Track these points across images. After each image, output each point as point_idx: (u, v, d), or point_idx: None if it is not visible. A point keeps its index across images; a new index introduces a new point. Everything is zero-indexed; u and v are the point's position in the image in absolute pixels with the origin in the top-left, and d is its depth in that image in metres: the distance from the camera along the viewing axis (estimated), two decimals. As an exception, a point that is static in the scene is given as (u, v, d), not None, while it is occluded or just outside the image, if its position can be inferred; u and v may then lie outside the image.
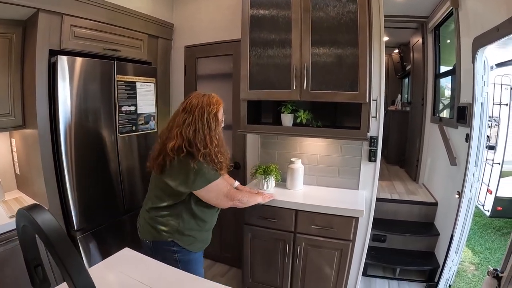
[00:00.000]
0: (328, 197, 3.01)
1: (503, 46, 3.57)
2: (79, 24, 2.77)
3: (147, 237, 2.24)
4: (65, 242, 0.83)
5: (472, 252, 4.93)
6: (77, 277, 0.81)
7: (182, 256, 2.22)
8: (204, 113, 2.10)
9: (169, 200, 2.17)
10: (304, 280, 2.97)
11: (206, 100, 2.15)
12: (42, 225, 0.82)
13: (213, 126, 2.13)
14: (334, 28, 2.66)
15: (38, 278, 1.07)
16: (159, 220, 2.19)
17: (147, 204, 2.31)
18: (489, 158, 5.45)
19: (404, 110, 7.05)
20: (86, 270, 0.84)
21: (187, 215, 2.20)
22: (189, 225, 2.21)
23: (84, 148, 2.82)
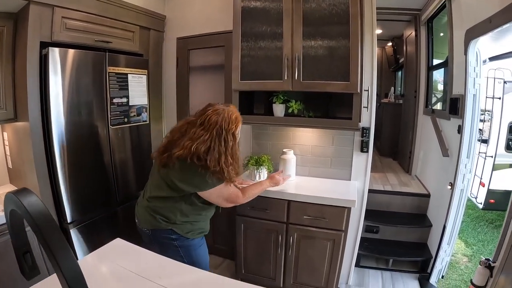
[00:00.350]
0: (320, 187, 3.01)
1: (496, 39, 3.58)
2: (70, 16, 2.75)
3: (146, 226, 2.25)
4: (50, 223, 0.82)
5: (465, 244, 4.97)
6: (62, 258, 0.81)
7: (181, 242, 2.23)
8: (222, 133, 2.07)
9: (170, 192, 2.16)
10: (297, 271, 2.99)
11: (226, 118, 2.10)
12: (28, 207, 0.81)
13: (230, 145, 2.11)
14: (326, 18, 2.65)
15: (27, 265, 1.06)
16: (158, 210, 2.19)
17: (146, 192, 2.31)
18: (482, 151, 5.48)
19: (397, 102, 7.08)
20: (70, 251, 0.83)
21: (186, 208, 2.21)
22: (187, 218, 2.22)
23: (76, 140, 2.81)
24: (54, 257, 0.79)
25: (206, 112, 2.12)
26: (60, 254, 0.80)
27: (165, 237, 2.21)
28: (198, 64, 3.81)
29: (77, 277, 0.83)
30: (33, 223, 0.80)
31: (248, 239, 3.08)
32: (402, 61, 6.92)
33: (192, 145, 2.01)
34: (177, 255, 2.20)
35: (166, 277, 1.59)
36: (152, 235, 2.24)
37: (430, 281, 3.54)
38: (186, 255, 2.24)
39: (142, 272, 1.61)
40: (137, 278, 1.57)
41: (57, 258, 0.80)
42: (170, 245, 2.21)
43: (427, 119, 4.64)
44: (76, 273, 0.83)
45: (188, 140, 2.04)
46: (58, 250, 0.80)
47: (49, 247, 0.79)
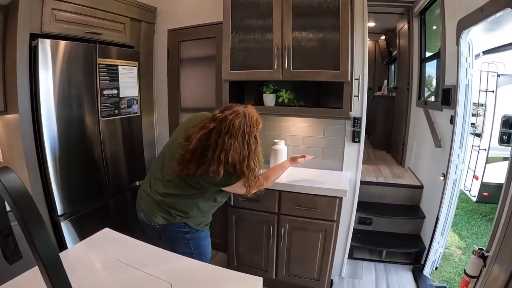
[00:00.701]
0: (312, 178, 3.00)
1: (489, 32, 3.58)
2: (60, 7, 2.73)
3: (157, 221, 2.21)
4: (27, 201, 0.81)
5: (459, 237, 4.99)
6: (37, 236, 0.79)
7: (193, 235, 2.25)
8: (245, 136, 2.03)
9: (192, 191, 2.17)
10: (289, 262, 2.98)
11: (247, 121, 2.06)
12: (5, 183, 0.79)
13: (253, 148, 2.08)
14: (316, 7, 2.64)
15: (9, 249, 1.04)
16: (176, 206, 2.18)
17: (158, 188, 2.24)
18: (476, 145, 5.50)
19: (391, 95, 7.10)
20: (46, 228, 0.82)
21: (203, 203, 2.24)
22: (202, 212, 2.26)
23: (66, 132, 2.79)
24: (30, 234, 0.78)
25: (228, 116, 2.03)
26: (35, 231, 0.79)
27: (177, 231, 2.22)
28: (189, 56, 3.79)
29: (53, 255, 0.81)
30: (10, 200, 0.79)
31: (240, 231, 3.07)
32: (395, 54, 6.94)
33: (228, 157, 1.98)
34: (187, 248, 2.24)
35: (153, 265, 1.58)
36: (164, 230, 2.22)
37: (424, 273, 3.55)
38: (195, 247, 2.27)
39: (129, 261, 1.61)
40: (124, 267, 1.56)
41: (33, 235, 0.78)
42: (181, 238, 2.23)
43: (420, 111, 4.65)
44: (52, 251, 0.81)
45: (220, 151, 1.98)
46: (34, 228, 0.79)
47: (25, 225, 0.78)
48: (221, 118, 2.02)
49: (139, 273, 1.51)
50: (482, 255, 2.01)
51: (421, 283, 3.36)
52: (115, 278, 1.50)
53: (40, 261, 0.79)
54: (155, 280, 1.45)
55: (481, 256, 2.01)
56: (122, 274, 1.51)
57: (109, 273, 1.55)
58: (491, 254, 1.95)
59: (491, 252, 1.96)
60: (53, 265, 0.81)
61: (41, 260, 0.78)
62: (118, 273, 1.52)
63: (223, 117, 2.02)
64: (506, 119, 5.33)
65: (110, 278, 1.51)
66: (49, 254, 0.81)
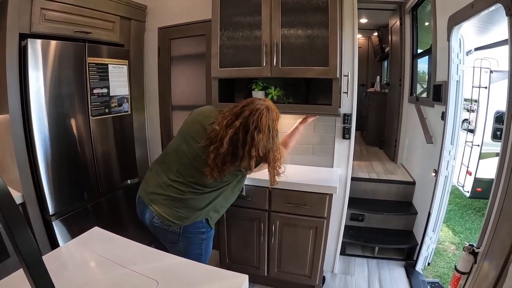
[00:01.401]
0: (302, 175, 3.01)
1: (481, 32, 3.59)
2: (50, 7, 2.71)
3: (176, 224, 2.18)
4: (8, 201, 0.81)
5: (452, 232, 5.01)
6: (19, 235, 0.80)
7: (207, 233, 2.31)
8: (270, 130, 2.10)
9: (220, 185, 2.23)
10: (281, 259, 2.99)
11: (271, 115, 2.12)
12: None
13: (277, 141, 2.17)
14: (305, 3, 2.63)
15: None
16: (200, 201, 2.22)
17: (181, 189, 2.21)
18: (469, 140, 5.53)
19: (383, 91, 7.11)
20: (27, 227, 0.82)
21: (228, 193, 2.33)
22: (225, 203, 2.38)
23: (57, 131, 2.78)
24: (11, 233, 0.79)
25: (254, 112, 2.07)
26: (16, 231, 0.80)
27: (196, 232, 2.25)
28: (179, 54, 3.78)
29: (34, 254, 0.83)
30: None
31: (231, 228, 3.08)
32: (387, 50, 6.94)
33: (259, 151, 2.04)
34: (199, 249, 2.29)
35: (140, 263, 1.59)
36: (183, 232, 2.20)
37: (416, 269, 3.57)
38: (205, 247, 2.33)
39: (117, 259, 1.62)
40: (112, 265, 1.58)
41: (14, 234, 0.79)
42: (197, 239, 2.26)
43: (412, 107, 4.66)
44: (33, 250, 0.82)
45: (250, 147, 2.03)
46: (15, 227, 0.80)
47: (7, 224, 0.79)
48: (247, 115, 2.05)
49: (126, 271, 1.52)
50: (473, 252, 2.02)
51: (413, 279, 3.38)
52: (103, 276, 1.51)
53: (21, 259, 0.80)
54: (142, 278, 1.46)
55: (472, 252, 2.02)
56: (110, 272, 1.52)
57: (97, 271, 1.56)
58: (481, 251, 1.97)
59: (481, 248, 1.97)
60: (34, 263, 0.82)
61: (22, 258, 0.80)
62: (106, 271, 1.54)
63: (249, 113, 2.06)
64: (499, 115, 5.36)
65: (98, 276, 1.52)
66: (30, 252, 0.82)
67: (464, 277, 2.09)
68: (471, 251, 2.03)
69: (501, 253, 1.72)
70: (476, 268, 1.99)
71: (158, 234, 2.28)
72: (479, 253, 1.99)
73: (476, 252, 2.01)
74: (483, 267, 1.92)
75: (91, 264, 1.61)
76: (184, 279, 1.50)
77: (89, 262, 1.63)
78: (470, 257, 2.03)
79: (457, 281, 2.13)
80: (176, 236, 2.20)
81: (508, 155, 1.79)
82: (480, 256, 1.97)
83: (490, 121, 5.48)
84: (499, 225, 1.81)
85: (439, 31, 3.46)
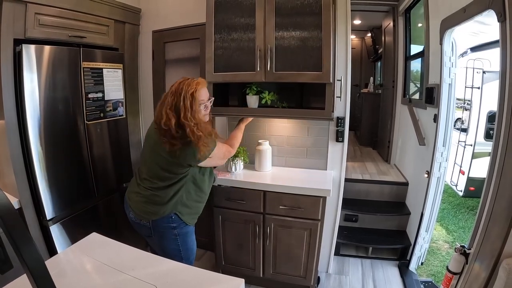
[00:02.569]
0: (296, 177, 3.04)
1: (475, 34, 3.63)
2: (44, 11, 2.70)
3: (145, 218, 2.33)
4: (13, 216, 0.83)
5: (446, 231, 5.06)
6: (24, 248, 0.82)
7: (180, 230, 2.37)
8: (182, 93, 2.20)
9: (175, 176, 2.28)
10: (276, 260, 3.02)
11: (187, 82, 2.26)
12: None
13: (188, 103, 2.20)
14: (298, 9, 2.65)
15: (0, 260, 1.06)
16: (162, 196, 2.30)
17: (146, 185, 2.36)
18: (462, 140, 5.58)
19: (377, 92, 7.14)
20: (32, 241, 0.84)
21: (190, 187, 2.35)
22: (191, 196, 2.38)
23: (52, 136, 2.79)
24: (17, 247, 0.81)
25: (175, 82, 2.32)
26: (23, 245, 0.82)
27: (166, 227, 2.33)
28: (174, 57, 3.79)
29: (40, 267, 0.85)
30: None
31: (227, 231, 3.10)
32: (381, 51, 6.98)
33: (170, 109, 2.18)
34: (175, 244, 2.38)
35: (139, 268, 1.62)
36: (153, 226, 2.33)
37: (410, 268, 3.61)
38: (182, 243, 2.40)
39: (116, 265, 1.64)
40: (111, 270, 1.60)
41: (20, 249, 0.81)
42: (170, 234, 2.35)
43: (405, 109, 4.69)
44: (39, 263, 0.85)
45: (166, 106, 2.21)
46: (21, 242, 0.82)
47: (13, 239, 0.81)
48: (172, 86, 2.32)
49: (125, 277, 1.54)
50: (464, 252, 2.05)
51: (407, 279, 3.42)
52: (102, 282, 1.53)
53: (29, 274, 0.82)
54: (141, 283, 1.49)
55: (463, 253, 2.06)
56: (109, 278, 1.54)
57: (96, 277, 1.58)
58: (472, 252, 2.00)
59: (472, 249, 2.01)
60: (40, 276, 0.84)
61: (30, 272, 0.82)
62: (105, 277, 1.56)
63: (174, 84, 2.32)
64: (491, 115, 5.40)
65: (97, 282, 1.53)
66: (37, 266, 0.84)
67: (455, 277, 2.12)
68: (462, 252, 2.06)
69: (491, 254, 1.76)
70: (468, 269, 2.02)
71: (136, 228, 2.47)
72: (470, 254, 2.02)
73: (468, 253, 2.04)
74: (474, 267, 1.96)
75: (90, 270, 1.63)
76: (182, 283, 1.52)
77: (88, 268, 1.65)
78: (462, 257, 2.06)
79: (449, 281, 2.16)
80: (148, 230, 2.35)
81: (499, 156, 1.82)
82: (471, 257, 2.00)
83: (483, 121, 5.53)
84: (490, 227, 1.84)
85: (432, 34, 3.49)
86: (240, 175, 3.06)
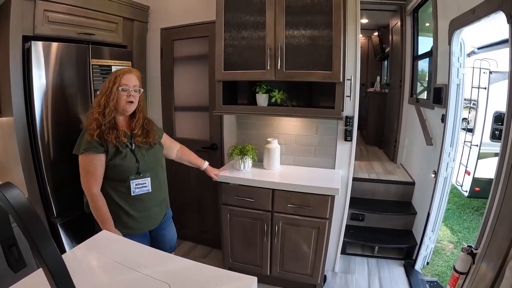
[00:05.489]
0: (305, 176, 3.05)
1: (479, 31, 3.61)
2: (53, 8, 2.70)
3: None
4: (31, 215, 0.83)
5: (450, 231, 5.05)
6: (45, 250, 0.82)
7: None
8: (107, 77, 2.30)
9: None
10: (283, 259, 3.02)
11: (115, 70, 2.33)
12: (10, 200, 0.82)
13: (106, 86, 2.25)
14: (309, 8, 2.65)
15: (13, 258, 1.07)
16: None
17: None
18: (467, 140, 5.56)
19: (383, 91, 7.14)
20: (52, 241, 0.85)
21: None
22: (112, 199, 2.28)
23: (61, 134, 2.79)
24: (37, 248, 0.81)
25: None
26: (42, 245, 0.82)
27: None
28: (182, 55, 3.78)
29: (60, 266, 0.84)
30: (16, 216, 0.81)
31: (234, 228, 3.11)
32: (388, 50, 6.96)
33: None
34: None
35: (151, 266, 1.60)
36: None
37: (415, 268, 3.61)
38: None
39: (127, 262, 1.63)
40: (123, 268, 1.58)
41: (40, 249, 0.81)
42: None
43: (411, 108, 4.69)
44: (59, 263, 0.84)
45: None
46: (40, 242, 0.81)
47: (32, 239, 0.80)
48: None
49: (138, 275, 1.53)
50: (471, 252, 2.05)
51: (412, 278, 3.42)
52: (114, 280, 1.52)
53: (49, 274, 0.82)
54: (154, 281, 1.48)
55: (470, 253, 2.06)
56: (121, 276, 1.53)
57: (108, 275, 1.56)
58: (479, 252, 2.00)
59: (479, 249, 2.01)
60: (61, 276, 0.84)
61: (50, 272, 0.81)
62: (117, 275, 1.54)
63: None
64: (497, 115, 5.38)
65: (109, 280, 1.52)
66: (57, 266, 0.84)
67: (462, 277, 2.12)
68: (469, 252, 2.06)
69: (498, 255, 1.76)
70: (474, 269, 2.02)
71: None
72: (477, 254, 2.02)
73: (474, 253, 2.04)
74: (480, 268, 1.96)
75: (102, 268, 1.62)
76: (195, 281, 1.51)
77: (100, 266, 1.64)
78: (468, 257, 2.06)
79: (455, 281, 2.17)
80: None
81: (507, 157, 1.82)
82: (478, 257, 2.00)
83: (489, 122, 5.51)
84: (497, 227, 1.84)
85: (440, 34, 3.48)
86: (249, 173, 3.06)
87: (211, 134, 3.72)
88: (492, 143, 5.40)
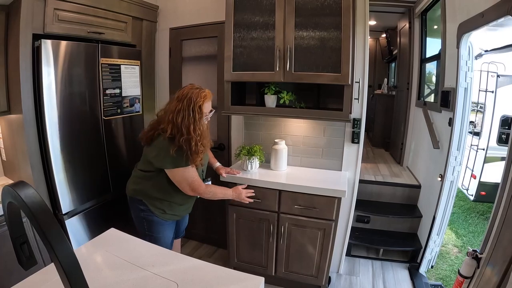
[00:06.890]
0: (311, 177, 3.05)
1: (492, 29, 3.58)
2: (63, 7, 2.73)
3: (128, 192, 2.64)
4: (46, 214, 0.84)
5: (455, 235, 5.03)
6: (59, 247, 0.83)
7: (147, 215, 2.55)
8: (191, 104, 2.30)
9: (147, 166, 2.50)
10: (289, 259, 3.03)
11: (196, 93, 2.33)
12: (25, 199, 0.83)
13: (197, 117, 2.32)
14: (318, 10, 2.65)
15: (24, 256, 1.08)
16: (137, 180, 2.58)
17: (136, 166, 2.66)
18: (474, 144, 5.54)
19: (390, 94, 7.11)
20: (66, 240, 0.86)
21: (156, 184, 2.50)
22: (156, 193, 2.52)
23: (69, 131, 2.81)
24: (51, 246, 0.82)
25: (182, 88, 2.41)
26: (57, 243, 0.83)
27: (135, 206, 2.58)
28: (191, 55, 3.79)
29: (74, 265, 0.86)
30: (30, 215, 0.83)
31: (240, 228, 3.12)
32: (395, 52, 6.94)
33: (172, 117, 2.30)
34: (142, 228, 2.61)
35: (159, 265, 1.63)
36: (129, 201, 2.64)
37: (420, 271, 3.60)
38: (149, 228, 2.58)
39: (135, 261, 1.65)
40: (131, 267, 1.61)
41: (54, 247, 0.82)
42: (138, 215, 2.59)
43: (419, 111, 4.67)
44: (73, 261, 0.86)
45: (169, 113, 2.33)
46: (55, 240, 0.83)
47: (46, 237, 0.82)
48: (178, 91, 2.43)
49: (146, 273, 1.55)
50: (476, 257, 2.05)
51: (417, 281, 3.41)
52: (122, 278, 1.53)
53: (62, 272, 0.83)
54: (162, 280, 1.50)
55: (475, 257, 2.06)
56: (130, 275, 1.55)
57: (116, 273, 1.58)
58: (484, 256, 2.00)
59: (484, 254, 2.01)
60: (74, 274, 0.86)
61: (63, 269, 0.83)
62: (125, 274, 1.56)
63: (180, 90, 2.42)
64: (504, 119, 5.36)
65: (117, 278, 1.54)
66: (71, 264, 0.85)
67: (466, 281, 2.12)
68: (474, 256, 2.06)
69: (503, 259, 1.75)
70: (479, 273, 2.02)
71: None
72: (482, 259, 2.02)
73: (479, 257, 2.04)
74: (485, 272, 1.95)
75: (110, 266, 1.64)
76: (203, 281, 1.53)
77: (109, 264, 1.66)
78: (473, 262, 2.06)
79: (460, 285, 2.16)
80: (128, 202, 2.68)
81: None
82: (483, 262, 2.00)
83: (496, 125, 5.48)
84: (503, 232, 1.84)
85: (449, 37, 3.47)
86: (256, 174, 3.07)
87: (219, 134, 3.73)
88: (499, 147, 5.37)
